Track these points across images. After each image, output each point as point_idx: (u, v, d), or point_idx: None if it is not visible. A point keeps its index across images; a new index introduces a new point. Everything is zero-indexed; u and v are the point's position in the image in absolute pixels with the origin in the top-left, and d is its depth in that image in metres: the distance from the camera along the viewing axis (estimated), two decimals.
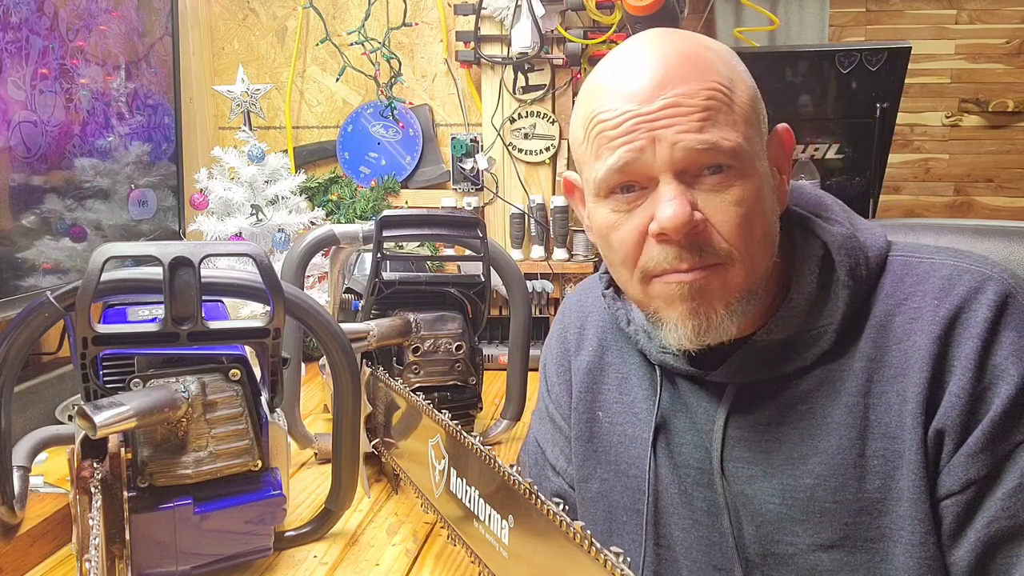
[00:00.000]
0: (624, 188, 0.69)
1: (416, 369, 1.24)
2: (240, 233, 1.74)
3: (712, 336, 0.69)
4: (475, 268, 1.30)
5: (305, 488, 1.19)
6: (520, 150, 1.97)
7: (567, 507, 0.64)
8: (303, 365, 1.37)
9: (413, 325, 1.23)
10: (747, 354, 0.73)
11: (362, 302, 1.29)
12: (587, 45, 1.84)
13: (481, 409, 1.31)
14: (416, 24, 2.04)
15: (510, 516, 0.72)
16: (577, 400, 0.87)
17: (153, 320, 0.86)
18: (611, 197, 0.70)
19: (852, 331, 0.71)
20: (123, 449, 0.80)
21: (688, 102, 0.65)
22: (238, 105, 1.79)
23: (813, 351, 0.71)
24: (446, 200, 2.02)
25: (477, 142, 2.03)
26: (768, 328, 0.72)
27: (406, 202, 2.10)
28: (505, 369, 1.37)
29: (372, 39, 1.99)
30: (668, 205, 0.65)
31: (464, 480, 0.82)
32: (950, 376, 0.67)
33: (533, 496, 0.67)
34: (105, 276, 0.81)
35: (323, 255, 1.37)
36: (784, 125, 0.74)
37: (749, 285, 0.69)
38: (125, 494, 0.79)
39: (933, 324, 0.68)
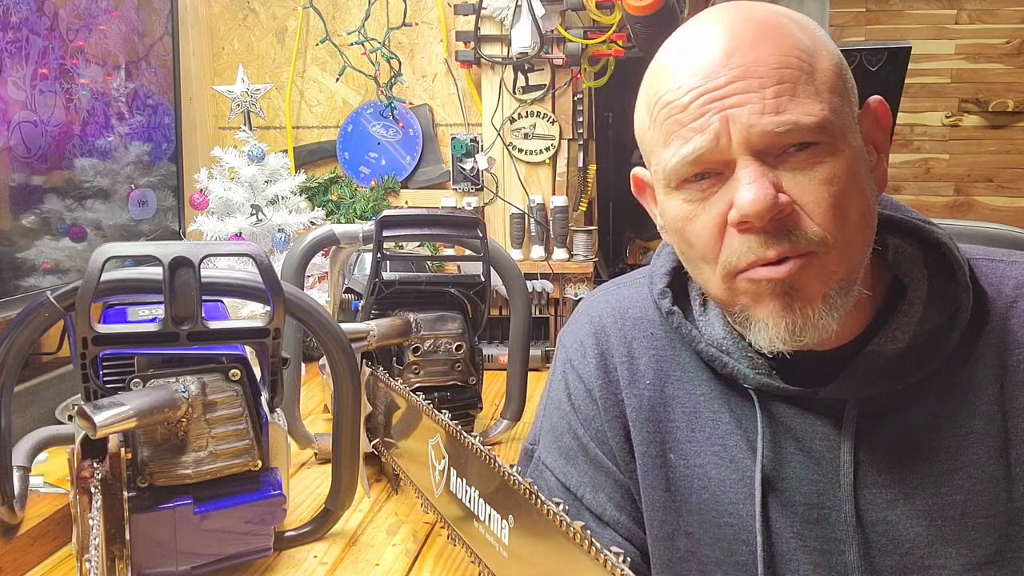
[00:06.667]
0: (698, 176, 0.62)
1: (416, 369, 1.24)
2: (240, 233, 1.74)
3: (810, 334, 0.61)
4: (475, 268, 1.30)
5: (305, 488, 1.19)
6: (520, 150, 1.97)
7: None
8: (303, 365, 1.37)
9: (413, 325, 1.23)
10: (869, 364, 0.66)
11: (362, 302, 1.29)
12: (587, 45, 1.84)
13: (481, 409, 1.31)
14: (416, 24, 2.04)
15: (510, 516, 0.72)
16: (643, 444, 0.74)
17: (153, 320, 0.86)
18: (683, 187, 0.63)
19: (968, 335, 0.67)
20: (123, 449, 0.80)
21: (759, 71, 0.58)
22: (238, 105, 1.79)
23: (937, 357, 0.66)
24: (446, 200, 2.02)
25: (477, 142, 2.03)
26: (892, 335, 0.66)
27: (406, 202, 2.10)
28: (505, 369, 1.37)
29: (372, 39, 1.98)
30: (748, 189, 0.58)
31: (464, 480, 0.82)
32: None
33: (533, 496, 0.67)
34: (105, 276, 0.81)
35: (323, 255, 1.37)
36: (878, 97, 0.66)
37: (847, 274, 0.62)
38: (125, 494, 0.79)
39: None
